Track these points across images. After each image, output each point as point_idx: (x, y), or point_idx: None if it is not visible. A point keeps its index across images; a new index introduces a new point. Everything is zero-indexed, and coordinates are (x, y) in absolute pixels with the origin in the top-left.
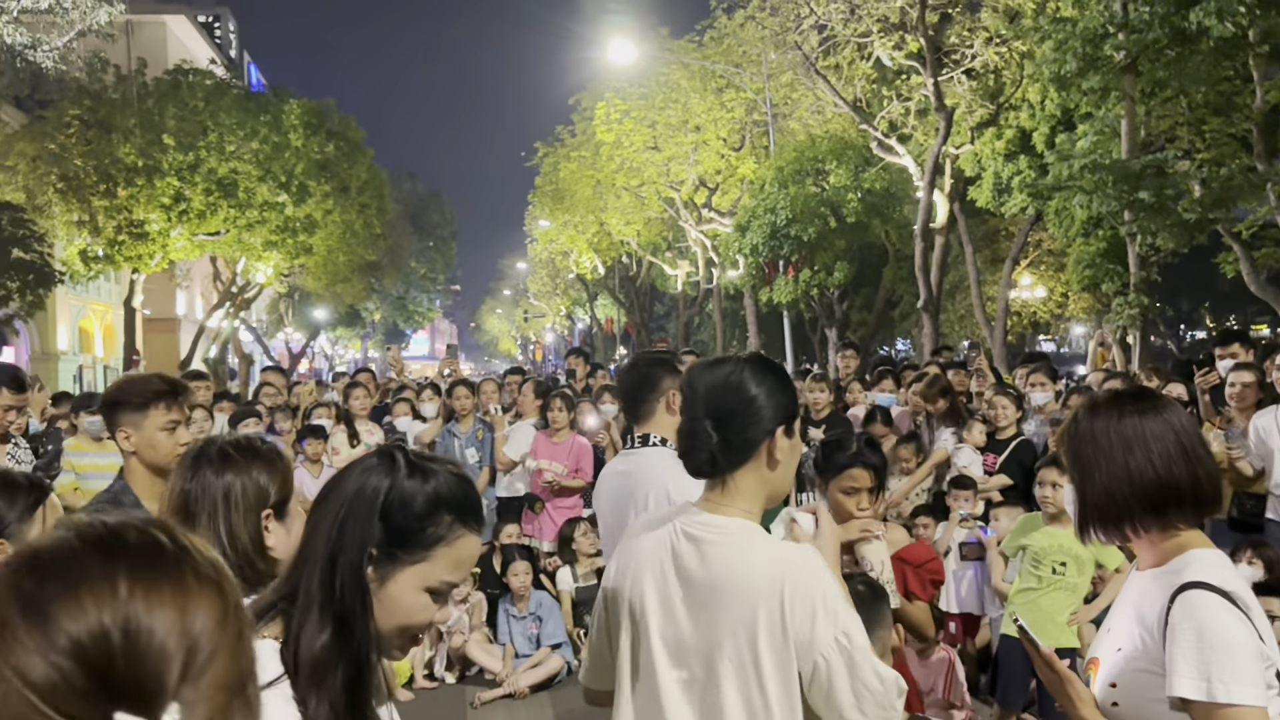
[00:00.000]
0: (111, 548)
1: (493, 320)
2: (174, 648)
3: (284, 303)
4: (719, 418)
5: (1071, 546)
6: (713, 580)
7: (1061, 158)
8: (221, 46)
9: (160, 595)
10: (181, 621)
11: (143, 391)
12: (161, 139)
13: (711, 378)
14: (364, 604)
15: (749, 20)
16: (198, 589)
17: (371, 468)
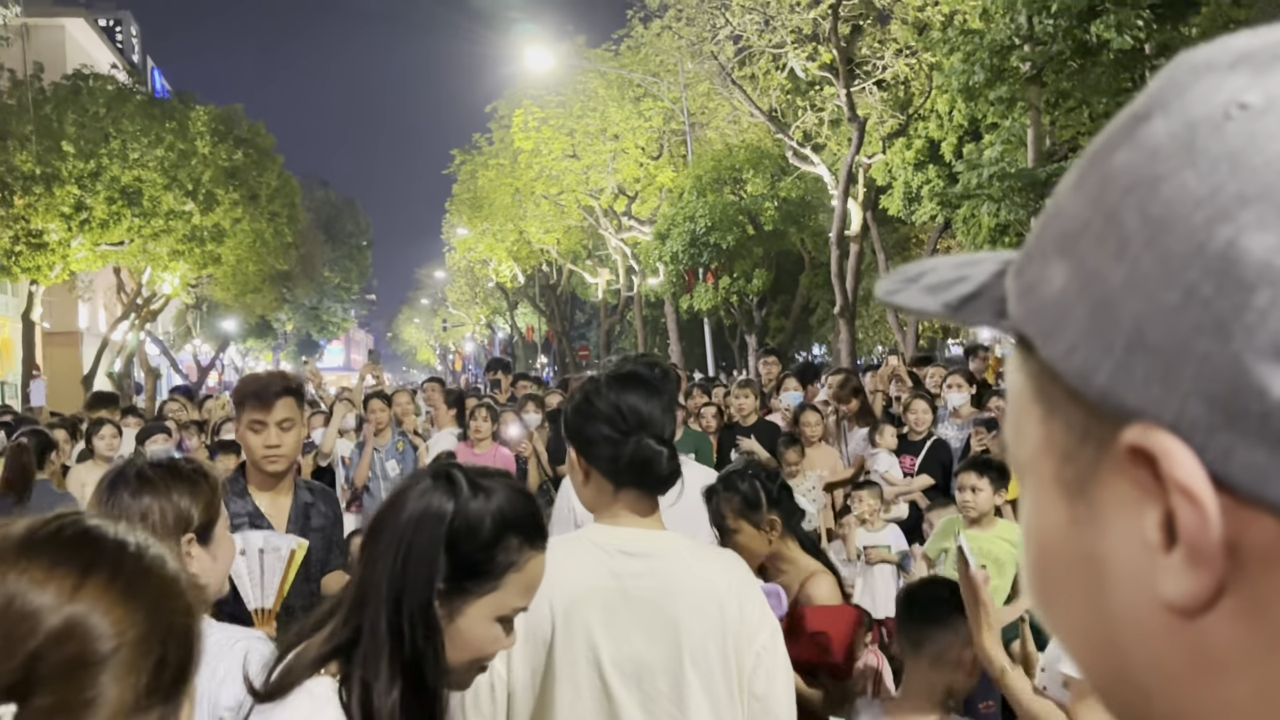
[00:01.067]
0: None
1: (410, 330)
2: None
3: (192, 314)
4: (662, 433)
5: (991, 549)
6: (671, 593)
7: (970, 167)
8: (123, 51)
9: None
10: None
11: (238, 391)
12: (60, 146)
13: (649, 393)
14: (436, 646)
15: (665, 30)
16: (108, 585)
17: (429, 491)
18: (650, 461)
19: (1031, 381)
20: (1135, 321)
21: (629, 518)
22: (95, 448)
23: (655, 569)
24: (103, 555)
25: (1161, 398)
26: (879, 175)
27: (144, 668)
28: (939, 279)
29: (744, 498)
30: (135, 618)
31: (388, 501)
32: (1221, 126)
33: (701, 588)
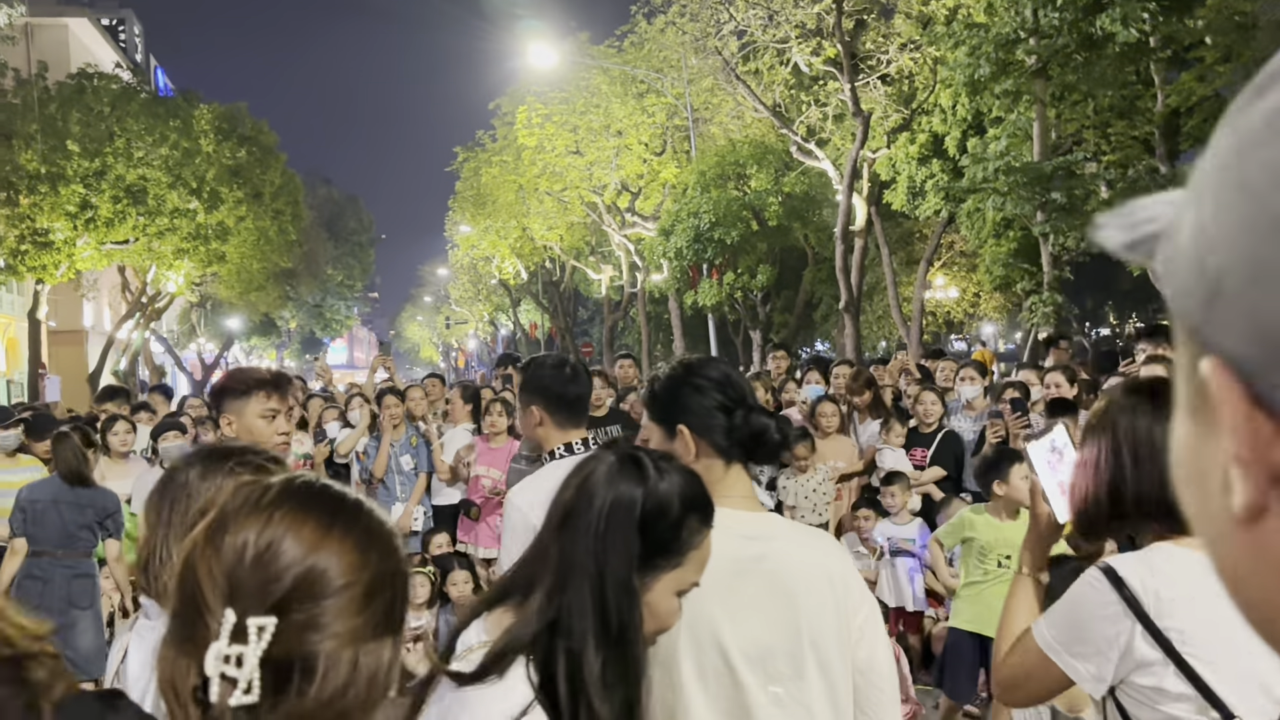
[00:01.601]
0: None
1: (414, 327)
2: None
3: (196, 312)
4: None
5: (1016, 539)
6: (789, 575)
7: (975, 160)
8: (126, 50)
9: (299, 530)
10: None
11: (246, 380)
12: (66, 145)
13: (727, 368)
14: (639, 617)
15: (669, 26)
16: (337, 535)
17: (618, 475)
18: (764, 431)
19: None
20: (1216, 272)
21: (738, 500)
22: (110, 444)
23: (771, 551)
24: (342, 510)
25: (1228, 338)
26: (883, 170)
27: (373, 604)
28: (1140, 216)
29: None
30: (366, 562)
31: (570, 486)
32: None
33: (816, 568)
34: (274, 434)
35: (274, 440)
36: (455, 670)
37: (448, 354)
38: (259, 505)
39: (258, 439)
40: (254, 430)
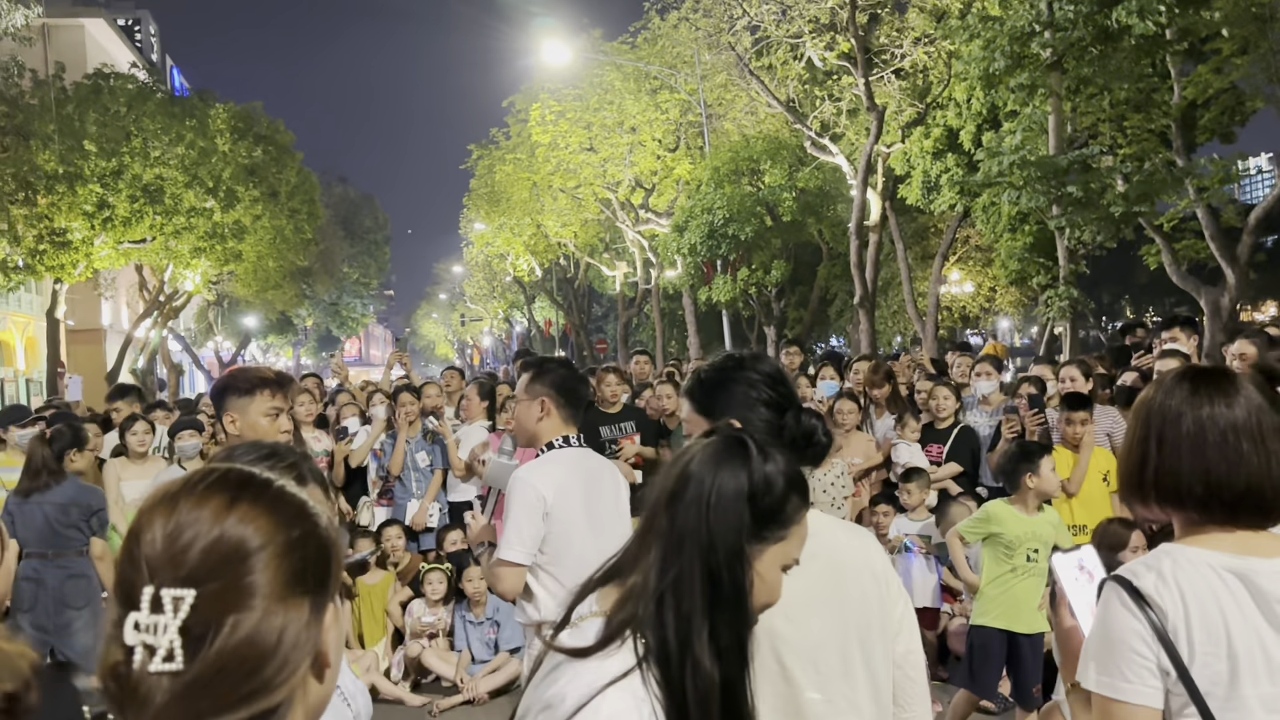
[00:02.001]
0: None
1: (429, 325)
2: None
3: (213, 311)
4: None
5: (1043, 533)
6: (837, 571)
7: (990, 155)
8: (142, 50)
9: (204, 507)
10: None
11: (249, 379)
12: (83, 145)
13: (778, 365)
14: (749, 585)
15: (682, 22)
16: (243, 506)
17: (724, 454)
18: (813, 432)
19: None
20: None
21: None
22: (128, 444)
23: (819, 548)
24: (249, 485)
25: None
26: (897, 164)
27: (287, 564)
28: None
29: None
30: (275, 526)
31: (678, 464)
32: None
33: (861, 563)
34: (276, 432)
35: (276, 438)
36: (571, 645)
37: (463, 351)
38: (170, 494)
39: (260, 437)
40: (257, 428)
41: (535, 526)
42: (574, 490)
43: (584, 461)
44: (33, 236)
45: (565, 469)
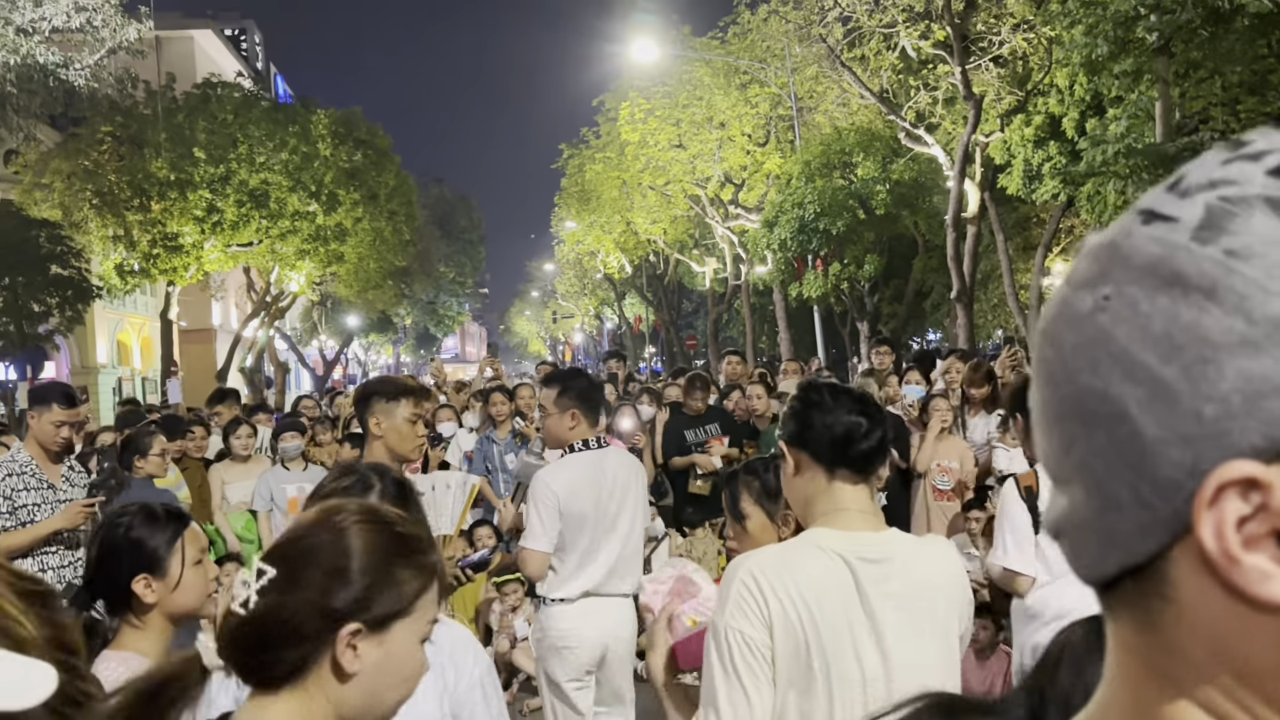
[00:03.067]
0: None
1: (522, 322)
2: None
3: (317, 310)
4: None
5: None
6: (919, 597)
7: (1095, 143)
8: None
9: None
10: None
11: (396, 386)
12: (193, 152)
13: (849, 393)
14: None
15: (772, 15)
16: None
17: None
18: (849, 431)
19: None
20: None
21: (852, 516)
22: (231, 447)
23: (896, 572)
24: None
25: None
26: (997, 154)
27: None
28: None
29: (764, 485)
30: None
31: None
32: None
33: (934, 587)
34: (415, 436)
35: (417, 442)
36: None
37: (554, 347)
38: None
39: (403, 440)
40: (400, 432)
41: (553, 519)
42: (585, 489)
43: (601, 461)
44: (147, 241)
45: (580, 470)
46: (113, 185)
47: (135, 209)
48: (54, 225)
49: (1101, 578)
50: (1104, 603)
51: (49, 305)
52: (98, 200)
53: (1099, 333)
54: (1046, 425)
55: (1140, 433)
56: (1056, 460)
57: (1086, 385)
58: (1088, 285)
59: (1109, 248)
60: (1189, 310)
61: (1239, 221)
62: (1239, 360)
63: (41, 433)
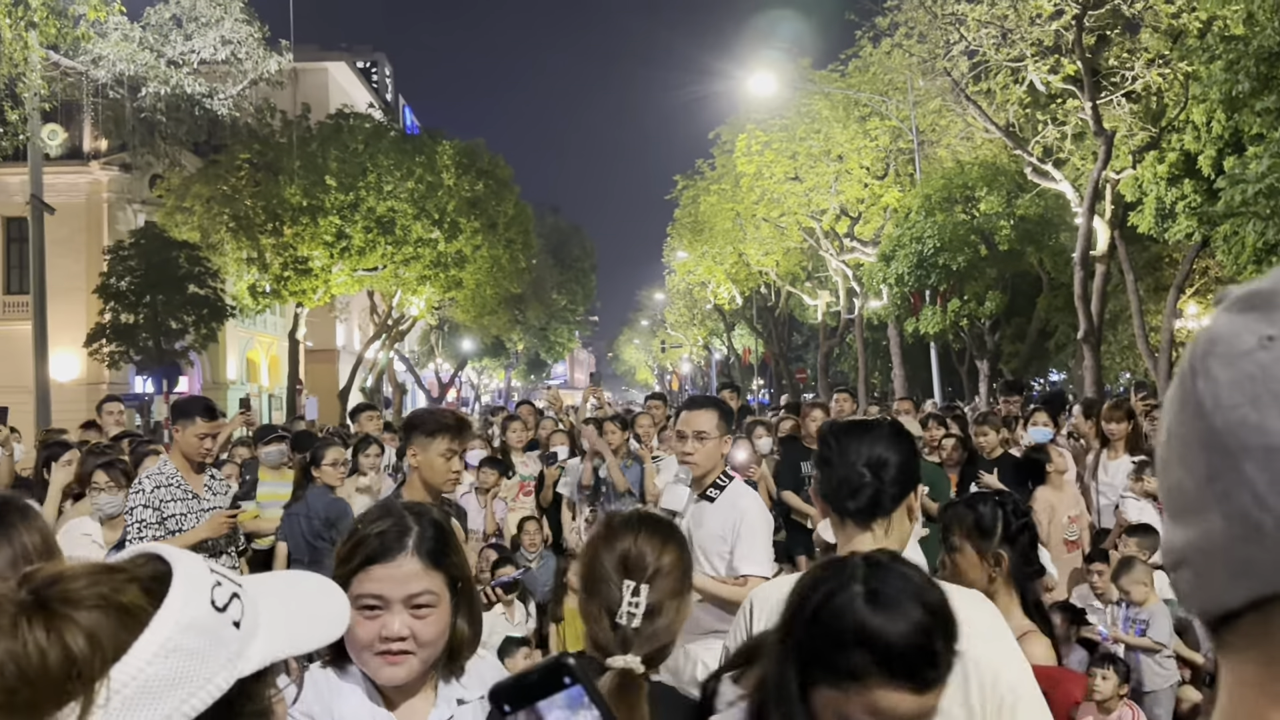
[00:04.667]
0: None
1: (630, 350)
2: None
3: (434, 334)
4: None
5: None
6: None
7: (1233, 182)
8: (378, 90)
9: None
10: None
11: (434, 422)
12: (324, 180)
13: (867, 433)
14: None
15: (895, 49)
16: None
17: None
18: (844, 482)
19: None
20: None
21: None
22: (359, 464)
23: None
24: None
25: None
26: (1128, 191)
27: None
28: None
29: (978, 520)
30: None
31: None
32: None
33: (988, 631)
34: (449, 471)
35: (449, 476)
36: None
37: (662, 377)
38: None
39: (436, 473)
40: (434, 466)
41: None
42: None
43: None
44: (279, 264)
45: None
46: (248, 210)
47: (269, 233)
48: (193, 247)
49: (1225, 609)
50: (1219, 638)
51: (185, 323)
52: (234, 224)
53: (1260, 369)
54: (1185, 454)
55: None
56: (1195, 489)
57: (1242, 418)
58: (1248, 325)
59: (1271, 293)
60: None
61: None
62: None
63: (186, 444)
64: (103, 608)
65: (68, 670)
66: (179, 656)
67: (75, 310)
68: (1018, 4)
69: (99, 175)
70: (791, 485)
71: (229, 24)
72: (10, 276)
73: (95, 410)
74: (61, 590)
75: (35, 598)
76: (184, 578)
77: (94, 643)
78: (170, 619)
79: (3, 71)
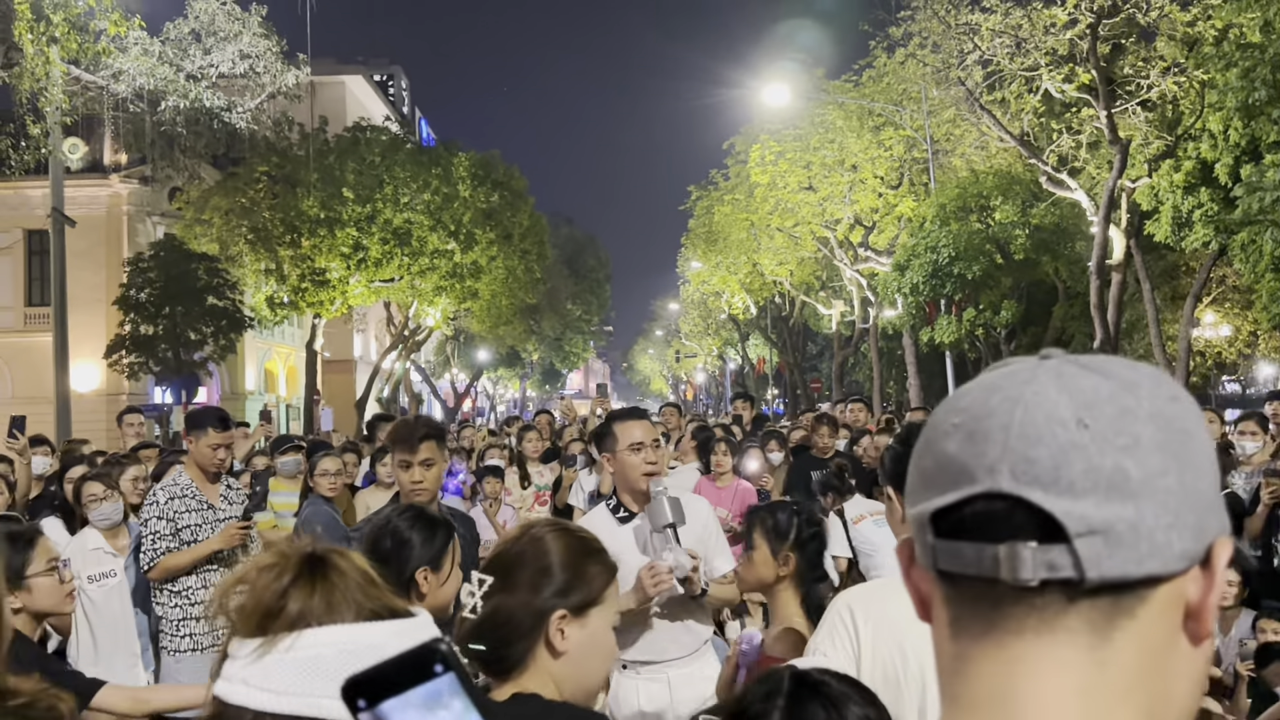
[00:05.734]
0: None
1: (645, 360)
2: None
3: (450, 345)
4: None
5: None
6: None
7: (1250, 190)
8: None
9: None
10: None
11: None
12: (342, 192)
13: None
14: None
15: (910, 58)
16: None
17: None
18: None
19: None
20: None
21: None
22: (378, 474)
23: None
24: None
25: None
26: (1144, 199)
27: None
28: None
29: (775, 523)
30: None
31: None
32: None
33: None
34: (408, 481)
35: (410, 487)
36: None
37: (676, 386)
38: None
39: (400, 484)
40: (398, 478)
41: None
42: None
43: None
44: (297, 275)
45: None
46: (267, 222)
47: (287, 245)
48: (212, 259)
49: (1123, 578)
50: (1089, 608)
51: (204, 334)
52: (252, 236)
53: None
54: (1150, 450)
55: (1205, 490)
56: (1146, 478)
57: (1188, 431)
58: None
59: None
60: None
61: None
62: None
63: (200, 455)
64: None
65: None
66: (347, 659)
67: (95, 322)
68: (1032, 13)
69: (119, 188)
70: (804, 495)
71: (247, 38)
72: (31, 288)
73: (115, 421)
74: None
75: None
76: (409, 627)
77: None
78: (368, 633)
79: (25, 86)
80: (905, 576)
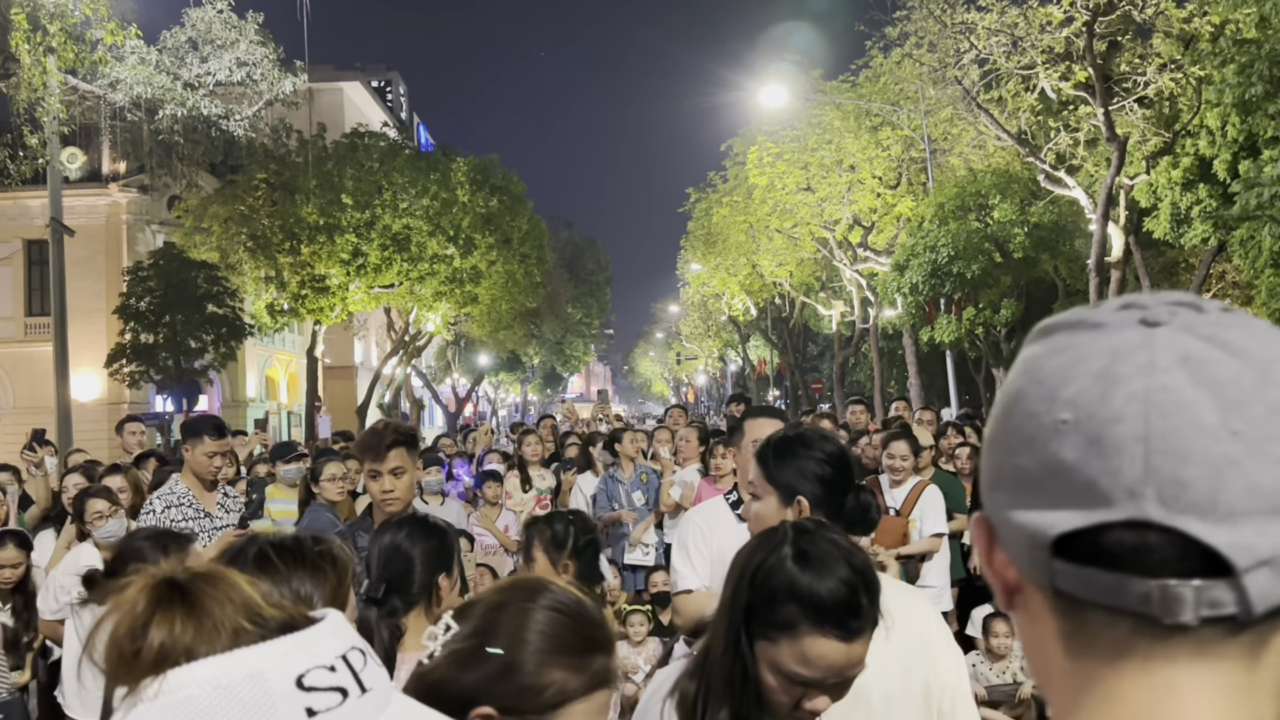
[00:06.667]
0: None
1: (645, 363)
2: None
3: (451, 350)
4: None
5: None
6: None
7: (1248, 186)
8: (393, 109)
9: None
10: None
11: (377, 442)
12: (340, 199)
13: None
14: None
15: (906, 58)
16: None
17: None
18: (868, 509)
19: None
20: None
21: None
22: None
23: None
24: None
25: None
26: (1142, 196)
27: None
28: None
29: (554, 534)
30: None
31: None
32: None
33: (917, 624)
34: (378, 491)
35: (380, 497)
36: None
37: (678, 389)
38: None
39: (372, 494)
40: (370, 488)
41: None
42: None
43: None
44: (296, 282)
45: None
46: (266, 229)
47: (286, 252)
48: (211, 267)
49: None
50: (1249, 635)
51: (205, 342)
52: (252, 243)
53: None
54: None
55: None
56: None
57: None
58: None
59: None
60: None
61: None
62: None
63: (196, 463)
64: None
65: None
66: (224, 695)
67: (95, 331)
68: (1028, 11)
69: (118, 197)
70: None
71: (244, 46)
72: (31, 298)
73: (116, 430)
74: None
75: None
76: (303, 642)
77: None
78: (245, 662)
79: (22, 96)
80: (985, 561)
